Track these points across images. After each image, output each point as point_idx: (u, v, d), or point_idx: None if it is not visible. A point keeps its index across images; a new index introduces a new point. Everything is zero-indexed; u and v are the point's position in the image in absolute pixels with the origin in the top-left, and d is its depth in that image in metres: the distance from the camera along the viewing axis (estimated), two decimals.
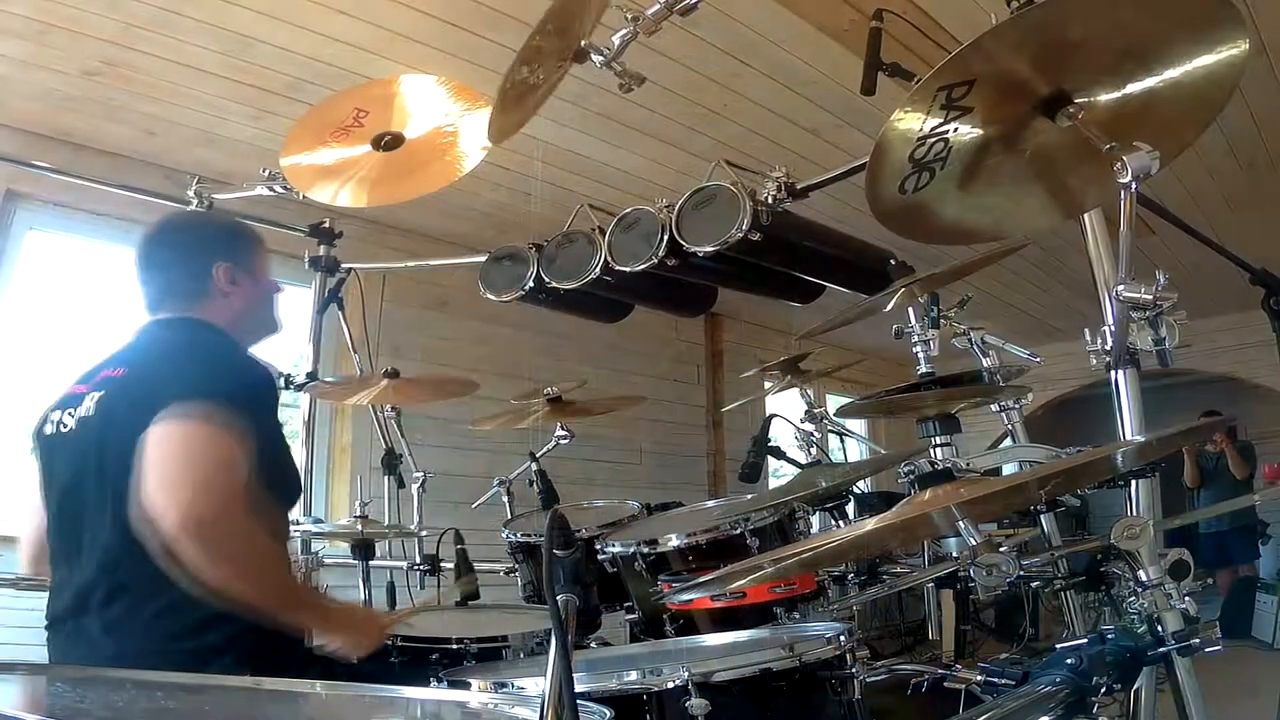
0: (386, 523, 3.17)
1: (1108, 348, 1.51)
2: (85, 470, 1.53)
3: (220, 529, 1.38)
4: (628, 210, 2.32)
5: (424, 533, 2.98)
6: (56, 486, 1.60)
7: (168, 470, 1.38)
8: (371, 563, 2.76)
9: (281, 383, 2.89)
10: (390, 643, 1.92)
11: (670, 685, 1.17)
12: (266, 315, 1.85)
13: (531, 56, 1.65)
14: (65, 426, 1.60)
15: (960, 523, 1.10)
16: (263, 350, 1.87)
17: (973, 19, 2.63)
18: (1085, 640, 1.26)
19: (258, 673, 1.34)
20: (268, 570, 1.52)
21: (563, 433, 2.99)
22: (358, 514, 2.73)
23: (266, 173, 2.67)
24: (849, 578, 2.33)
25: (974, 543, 1.10)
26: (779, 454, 2.68)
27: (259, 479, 1.47)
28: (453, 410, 3.90)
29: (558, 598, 0.86)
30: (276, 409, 1.70)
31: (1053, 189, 1.46)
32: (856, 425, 5.35)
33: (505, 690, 1.21)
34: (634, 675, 1.21)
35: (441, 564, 2.90)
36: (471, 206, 4.20)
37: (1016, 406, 2.47)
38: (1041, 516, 2.38)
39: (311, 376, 2.94)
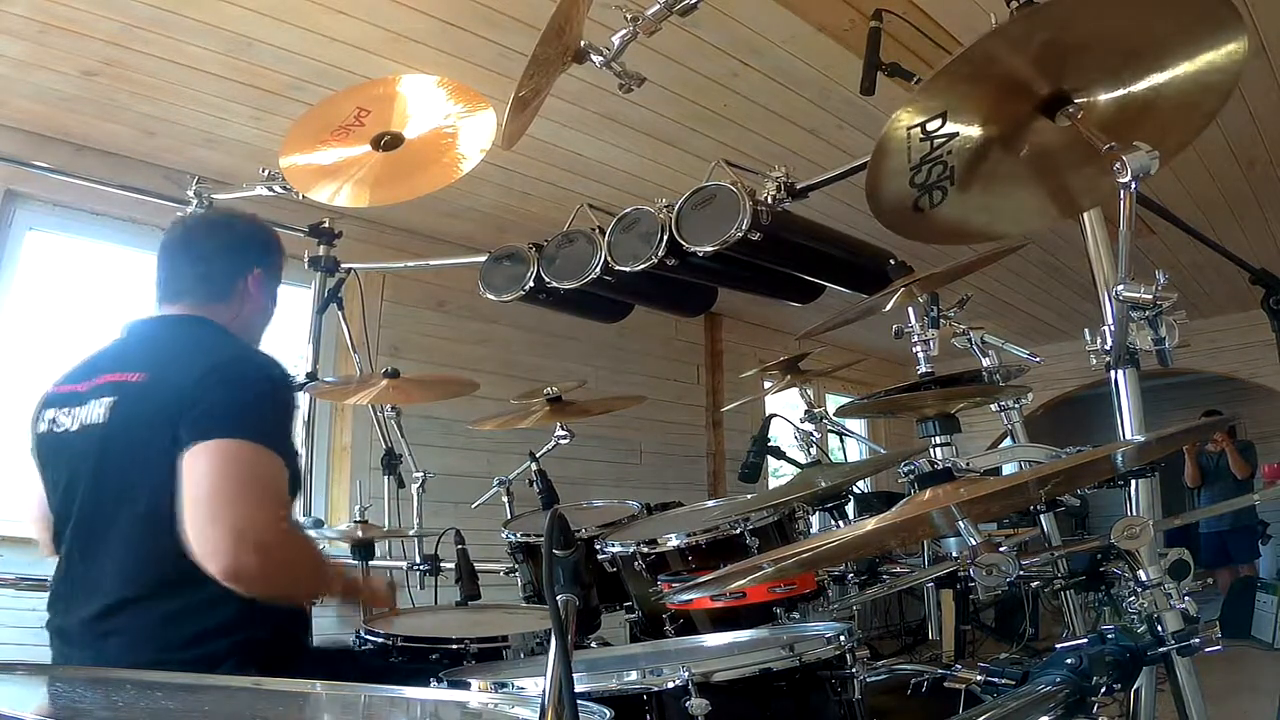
0: (386, 523, 3.18)
1: (1108, 347, 1.52)
2: (96, 477, 1.49)
3: (276, 550, 1.42)
4: (628, 210, 2.32)
5: (420, 534, 2.98)
6: (60, 490, 1.56)
7: (214, 493, 1.37)
8: (371, 562, 2.76)
9: None
10: (390, 643, 1.93)
11: (670, 685, 1.16)
12: (258, 331, 1.83)
13: (539, 67, 1.66)
14: (63, 427, 1.55)
15: (960, 523, 1.10)
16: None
17: (973, 19, 2.64)
18: (1085, 640, 1.26)
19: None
20: (316, 574, 1.64)
21: (562, 433, 2.99)
22: (358, 518, 2.74)
23: (266, 173, 2.67)
24: (849, 578, 2.33)
25: (974, 543, 1.10)
26: (779, 454, 2.68)
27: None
28: (453, 410, 3.91)
29: (558, 598, 0.86)
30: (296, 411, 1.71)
31: (1053, 189, 1.47)
32: (856, 425, 5.36)
33: (505, 690, 1.21)
34: (634, 675, 1.21)
35: (441, 564, 2.90)
36: (471, 206, 4.20)
37: (1016, 406, 2.47)
38: (1041, 516, 2.38)
39: (311, 376, 2.94)
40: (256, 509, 1.40)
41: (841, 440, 3.69)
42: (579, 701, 0.80)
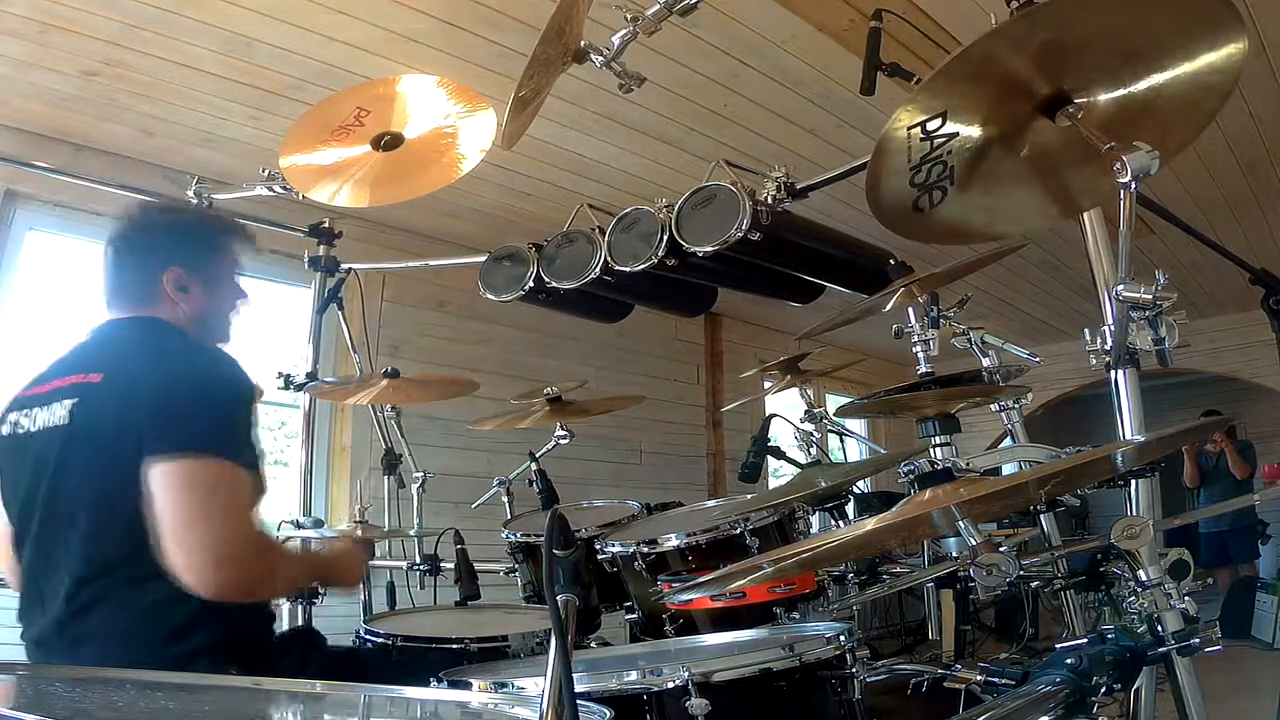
0: (386, 523, 3.17)
1: (1107, 348, 1.52)
2: (57, 477, 1.47)
3: (249, 563, 1.46)
4: (628, 210, 2.32)
5: (420, 534, 2.98)
6: (21, 492, 1.53)
7: (188, 514, 1.39)
8: (371, 563, 2.75)
9: (281, 382, 2.89)
10: (390, 642, 1.93)
11: (670, 685, 1.16)
12: (217, 326, 1.76)
13: (539, 67, 1.66)
14: (24, 429, 1.54)
15: (960, 523, 1.10)
16: (250, 352, 1.79)
17: (973, 19, 2.64)
18: (1085, 640, 1.26)
19: (244, 671, 1.36)
20: (287, 578, 1.68)
21: (562, 433, 2.99)
22: (358, 518, 2.73)
23: (266, 173, 2.67)
24: (849, 578, 2.33)
25: (974, 543, 1.10)
26: (779, 454, 2.68)
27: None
28: (453, 410, 3.90)
29: (558, 598, 0.86)
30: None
31: (1053, 189, 1.47)
32: (856, 425, 5.36)
33: (505, 690, 1.21)
34: (634, 675, 1.21)
35: (441, 564, 2.90)
36: (471, 206, 4.20)
37: (1016, 406, 2.47)
38: (1041, 516, 2.38)
39: (311, 376, 2.94)
40: (226, 525, 1.42)
41: (841, 440, 3.69)
42: (579, 701, 0.80)
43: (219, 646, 1.43)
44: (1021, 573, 1.92)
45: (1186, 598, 1.33)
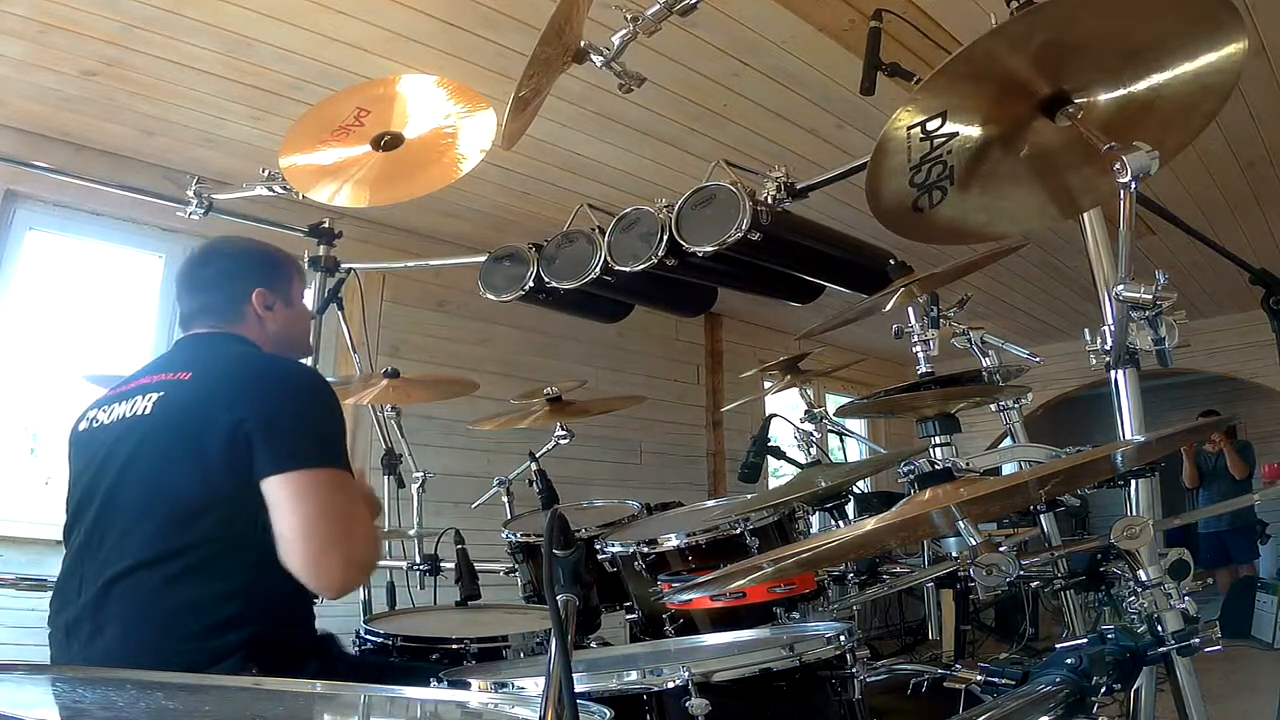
0: (386, 523, 3.17)
1: (1107, 347, 1.52)
2: (128, 464, 1.50)
3: (374, 562, 1.66)
4: (627, 210, 2.32)
5: (420, 534, 2.98)
6: (86, 479, 1.56)
7: (326, 527, 1.45)
8: None
9: None
10: (390, 642, 1.93)
11: (670, 685, 1.16)
12: (299, 340, 1.88)
13: (539, 67, 1.66)
14: (99, 422, 1.58)
15: (960, 523, 1.10)
16: None
17: (973, 19, 2.64)
18: (1085, 640, 1.26)
19: (264, 671, 1.36)
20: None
21: (562, 433, 2.99)
22: None
23: (266, 173, 2.67)
24: (849, 578, 2.33)
25: (974, 543, 1.10)
26: (779, 454, 2.68)
27: None
28: (453, 410, 3.91)
29: (558, 598, 0.86)
30: None
31: (1053, 189, 1.47)
32: (856, 425, 5.36)
33: (505, 690, 1.21)
34: (634, 675, 1.21)
35: (441, 564, 2.90)
36: (471, 206, 4.20)
37: (1016, 406, 2.47)
38: (1041, 516, 2.38)
39: None
40: (358, 530, 1.53)
41: (841, 440, 3.69)
42: (579, 701, 0.80)
43: (249, 646, 1.44)
44: (1021, 573, 1.92)
45: (1186, 598, 1.33)
